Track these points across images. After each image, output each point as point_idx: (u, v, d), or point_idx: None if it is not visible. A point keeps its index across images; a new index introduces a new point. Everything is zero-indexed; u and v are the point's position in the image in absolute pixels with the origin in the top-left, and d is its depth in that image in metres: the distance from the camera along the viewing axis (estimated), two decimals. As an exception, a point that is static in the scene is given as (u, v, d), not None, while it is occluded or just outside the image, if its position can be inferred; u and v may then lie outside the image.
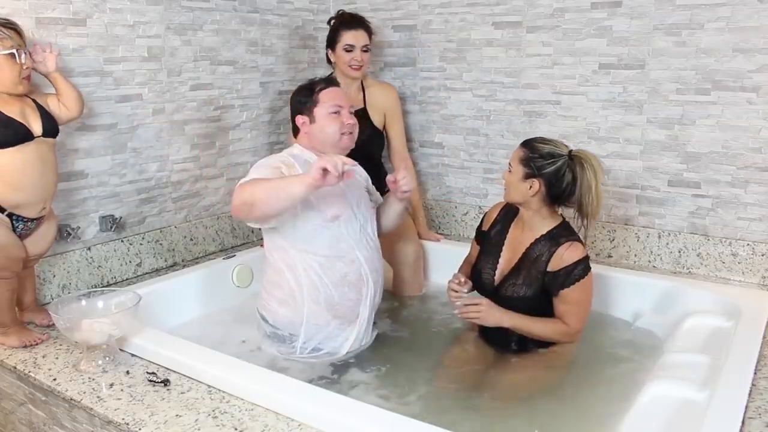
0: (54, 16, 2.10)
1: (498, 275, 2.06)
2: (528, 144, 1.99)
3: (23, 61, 1.80)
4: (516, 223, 2.10)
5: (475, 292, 2.08)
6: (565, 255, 1.95)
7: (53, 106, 1.96)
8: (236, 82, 2.74)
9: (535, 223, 2.03)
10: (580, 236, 1.99)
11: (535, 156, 1.95)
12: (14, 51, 1.77)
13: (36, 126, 1.86)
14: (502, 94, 2.73)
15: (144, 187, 2.46)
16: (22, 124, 1.81)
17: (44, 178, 1.88)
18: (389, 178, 2.08)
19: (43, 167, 1.87)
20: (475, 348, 2.08)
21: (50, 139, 1.91)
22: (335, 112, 2.07)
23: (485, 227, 2.18)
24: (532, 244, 2.01)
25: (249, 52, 2.78)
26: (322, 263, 2.00)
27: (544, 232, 2.01)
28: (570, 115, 2.59)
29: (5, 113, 1.79)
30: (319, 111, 2.09)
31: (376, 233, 2.16)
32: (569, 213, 2.05)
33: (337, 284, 2.01)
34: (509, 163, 2.01)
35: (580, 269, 1.94)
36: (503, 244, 2.09)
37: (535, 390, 1.92)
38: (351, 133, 2.09)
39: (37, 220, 1.92)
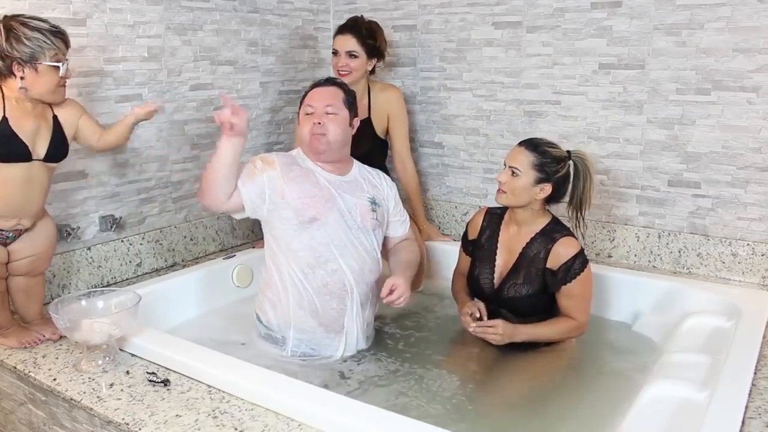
0: (54, 16, 2.09)
1: (497, 278, 2.06)
2: (537, 148, 1.98)
3: (63, 73, 1.77)
4: (506, 224, 2.11)
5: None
6: (562, 251, 1.97)
7: (86, 127, 1.92)
8: (236, 82, 2.74)
9: (529, 222, 2.04)
10: (578, 230, 2.04)
11: (548, 160, 1.97)
12: (58, 64, 1.74)
13: (41, 148, 1.81)
14: (502, 94, 2.73)
15: (144, 187, 2.46)
16: (24, 144, 1.76)
17: (24, 198, 1.81)
18: (383, 292, 1.94)
19: (28, 188, 1.81)
20: (475, 348, 2.07)
21: (50, 164, 1.86)
22: (309, 113, 2.05)
23: (473, 236, 2.17)
24: (528, 243, 2.03)
25: (249, 52, 2.78)
26: (303, 269, 1.99)
27: (538, 230, 2.03)
28: (570, 115, 2.59)
29: (13, 128, 1.74)
30: (301, 113, 2.09)
31: (376, 247, 2.10)
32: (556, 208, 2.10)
33: (319, 292, 2.00)
34: (513, 167, 1.98)
35: (579, 263, 1.97)
36: (497, 248, 2.10)
37: (535, 390, 1.92)
38: (317, 134, 2.01)
39: (15, 231, 1.85)
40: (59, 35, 1.76)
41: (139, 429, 1.47)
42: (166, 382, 1.66)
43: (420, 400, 1.81)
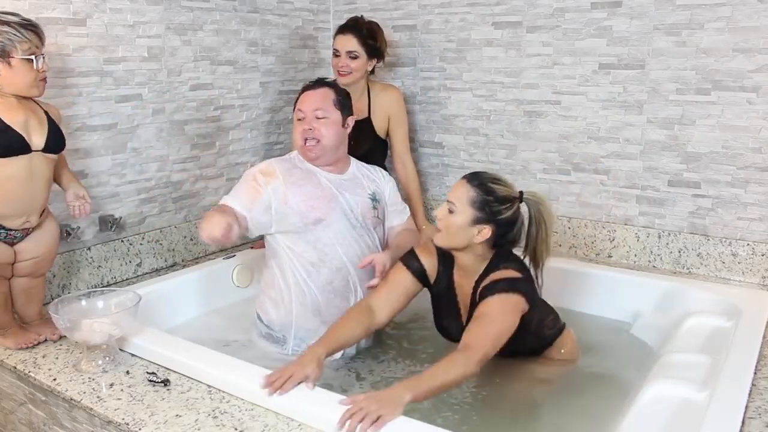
0: (54, 16, 2.10)
1: (465, 324, 1.81)
2: (481, 184, 1.73)
3: (40, 66, 1.74)
4: (456, 268, 1.86)
5: None
6: (493, 276, 1.72)
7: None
8: (236, 82, 2.74)
9: (472, 268, 1.80)
10: (536, 283, 1.78)
11: (491, 199, 1.71)
12: (32, 57, 1.72)
13: (38, 139, 1.79)
14: (502, 94, 2.73)
15: (144, 187, 2.46)
16: (20, 135, 1.75)
17: (30, 193, 1.80)
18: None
19: (31, 182, 1.79)
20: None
21: (50, 155, 1.84)
22: (300, 119, 2.04)
23: (432, 277, 1.88)
24: (473, 289, 1.79)
25: (249, 52, 2.78)
26: (307, 268, 2.00)
27: (481, 272, 1.79)
28: (570, 115, 2.59)
29: (5, 121, 1.73)
30: (294, 117, 2.09)
31: (379, 244, 2.11)
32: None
33: (322, 290, 2.01)
34: (450, 202, 1.74)
35: (503, 283, 1.69)
36: (456, 296, 1.87)
37: (535, 391, 1.91)
38: (310, 139, 2.00)
39: (23, 230, 1.84)
40: (31, 28, 1.73)
41: (139, 429, 1.47)
42: (166, 382, 1.66)
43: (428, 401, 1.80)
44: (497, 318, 1.64)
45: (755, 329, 1.90)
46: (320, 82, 2.11)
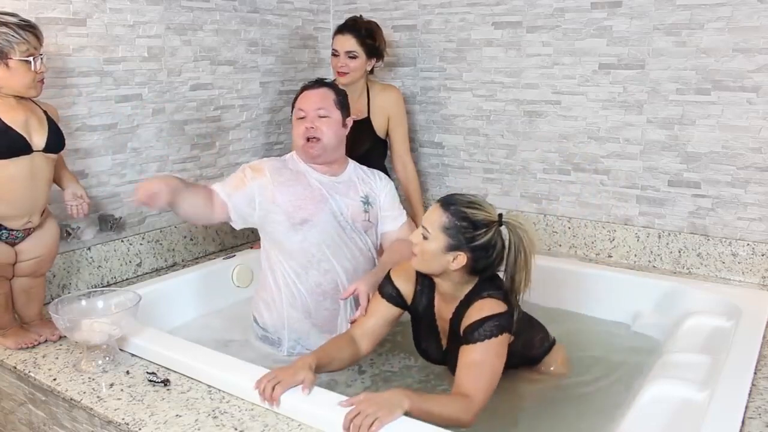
0: (54, 16, 2.10)
1: (445, 346, 1.82)
2: (454, 209, 1.64)
3: (38, 67, 1.74)
4: (437, 292, 1.79)
5: None
6: (474, 313, 1.62)
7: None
8: (236, 82, 2.74)
9: (452, 294, 1.72)
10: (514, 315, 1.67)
11: (464, 225, 1.62)
12: (30, 59, 1.71)
13: (38, 139, 1.79)
14: (502, 94, 2.73)
15: (144, 187, 2.45)
16: (21, 136, 1.74)
17: (32, 193, 1.80)
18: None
19: (33, 182, 1.79)
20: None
21: (51, 155, 1.84)
22: (300, 118, 2.03)
23: (408, 299, 1.82)
24: (453, 315, 1.72)
25: (249, 52, 2.78)
26: (296, 270, 2.00)
27: (462, 298, 1.70)
28: (570, 115, 2.59)
29: (5, 122, 1.72)
30: (293, 117, 2.08)
31: (371, 248, 2.10)
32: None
33: (311, 292, 2.01)
34: (424, 227, 1.66)
35: (491, 325, 1.59)
36: (436, 320, 1.80)
37: (535, 392, 1.91)
38: (312, 138, 2.00)
39: (24, 231, 1.84)
40: (29, 29, 1.72)
41: (139, 429, 1.47)
42: (166, 382, 1.66)
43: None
44: (489, 365, 1.59)
45: (755, 329, 1.90)
46: (319, 82, 2.11)
